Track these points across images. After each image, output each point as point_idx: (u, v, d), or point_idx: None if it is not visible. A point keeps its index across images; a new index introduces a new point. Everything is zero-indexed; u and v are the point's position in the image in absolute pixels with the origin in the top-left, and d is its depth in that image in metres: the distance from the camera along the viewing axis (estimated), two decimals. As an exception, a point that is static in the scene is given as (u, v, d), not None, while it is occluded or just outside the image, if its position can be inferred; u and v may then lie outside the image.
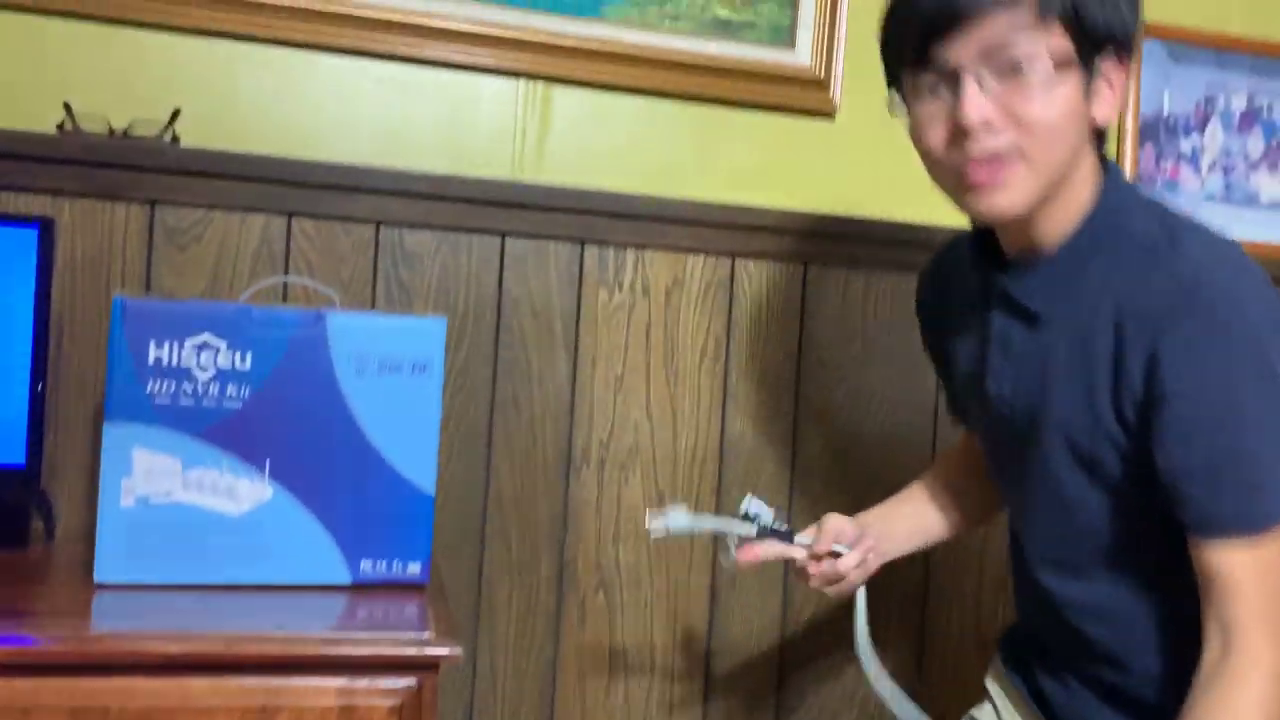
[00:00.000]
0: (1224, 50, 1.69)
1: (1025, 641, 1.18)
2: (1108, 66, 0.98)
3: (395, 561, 1.16)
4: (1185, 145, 1.68)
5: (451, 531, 1.42)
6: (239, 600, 1.07)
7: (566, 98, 1.47)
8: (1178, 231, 0.97)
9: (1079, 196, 1.01)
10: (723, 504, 1.50)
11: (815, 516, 1.51)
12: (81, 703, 0.91)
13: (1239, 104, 1.70)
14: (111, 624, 0.99)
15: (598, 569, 1.47)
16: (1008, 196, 0.96)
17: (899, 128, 1.59)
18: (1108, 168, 1.04)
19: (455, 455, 1.42)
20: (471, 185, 1.40)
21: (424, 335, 1.16)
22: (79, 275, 1.32)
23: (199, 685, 0.94)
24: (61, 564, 1.19)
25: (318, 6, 1.37)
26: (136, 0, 1.33)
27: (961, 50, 0.94)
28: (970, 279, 1.12)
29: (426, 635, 1.00)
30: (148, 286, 1.32)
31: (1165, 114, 1.68)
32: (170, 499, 1.09)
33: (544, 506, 1.46)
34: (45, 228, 1.15)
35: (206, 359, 1.10)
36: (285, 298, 1.36)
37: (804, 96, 1.53)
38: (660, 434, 1.49)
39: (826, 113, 1.55)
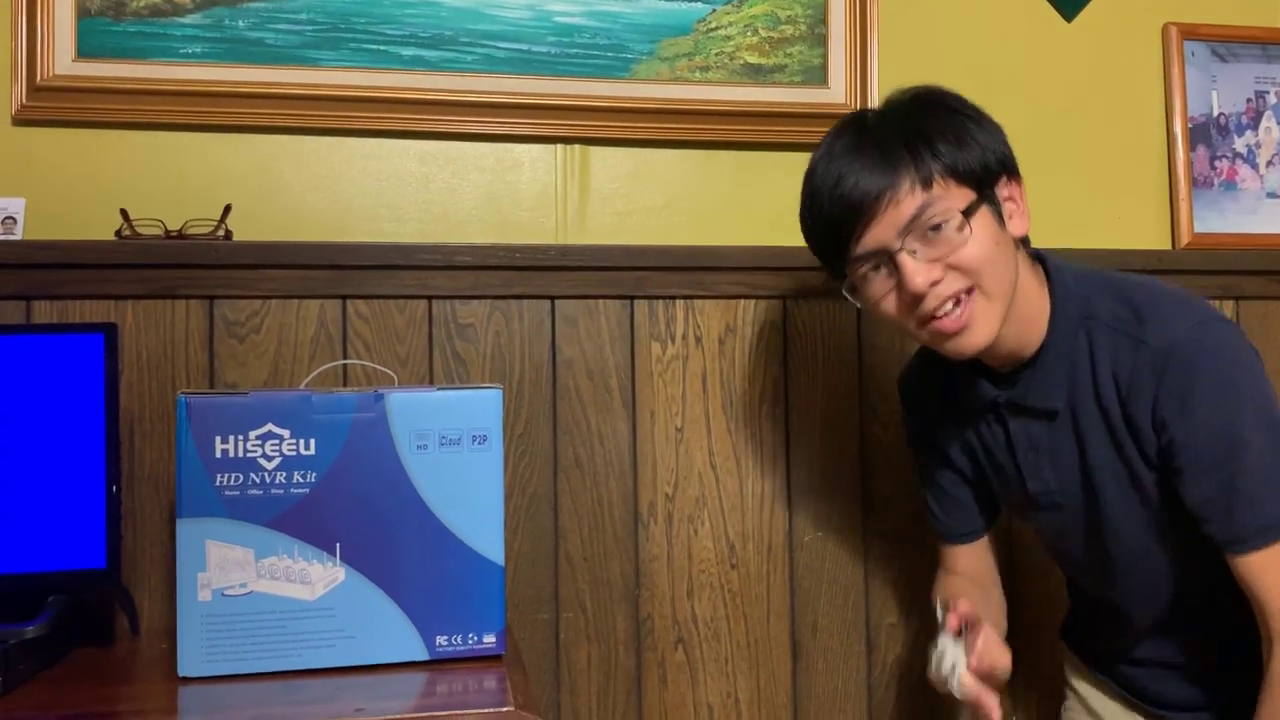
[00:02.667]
0: (1270, 44, 1.65)
1: (1101, 641, 1.28)
2: (1005, 189, 1.10)
3: (470, 634, 1.16)
4: (1240, 144, 1.64)
5: (525, 598, 1.42)
6: (320, 685, 1.07)
7: (604, 158, 1.49)
8: (1136, 304, 1.10)
9: (1034, 300, 1.13)
10: (795, 547, 1.48)
11: (892, 558, 1.49)
12: (171, 802, 0.91)
13: (1291, 96, 1.66)
14: (197, 708, 1.00)
15: (675, 625, 1.46)
16: (977, 332, 1.07)
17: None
18: (1043, 262, 1.16)
19: (523, 521, 1.42)
20: (517, 252, 1.41)
21: (481, 406, 1.17)
22: (145, 374, 1.35)
23: (284, 776, 0.94)
24: (146, 660, 1.21)
25: (353, 93, 1.41)
26: (181, 106, 1.37)
27: (880, 234, 1.05)
28: (958, 393, 1.21)
29: (507, 710, 0.99)
30: (211, 380, 1.35)
31: (1215, 114, 1.64)
32: (245, 589, 1.11)
33: (615, 565, 1.45)
34: (109, 334, 1.18)
35: (272, 448, 1.12)
36: (345, 380, 1.38)
37: (841, 132, 1.53)
38: (726, 483, 1.48)
39: (866, 146, 1.54)
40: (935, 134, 1.07)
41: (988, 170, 1.08)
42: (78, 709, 1.02)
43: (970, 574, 1.30)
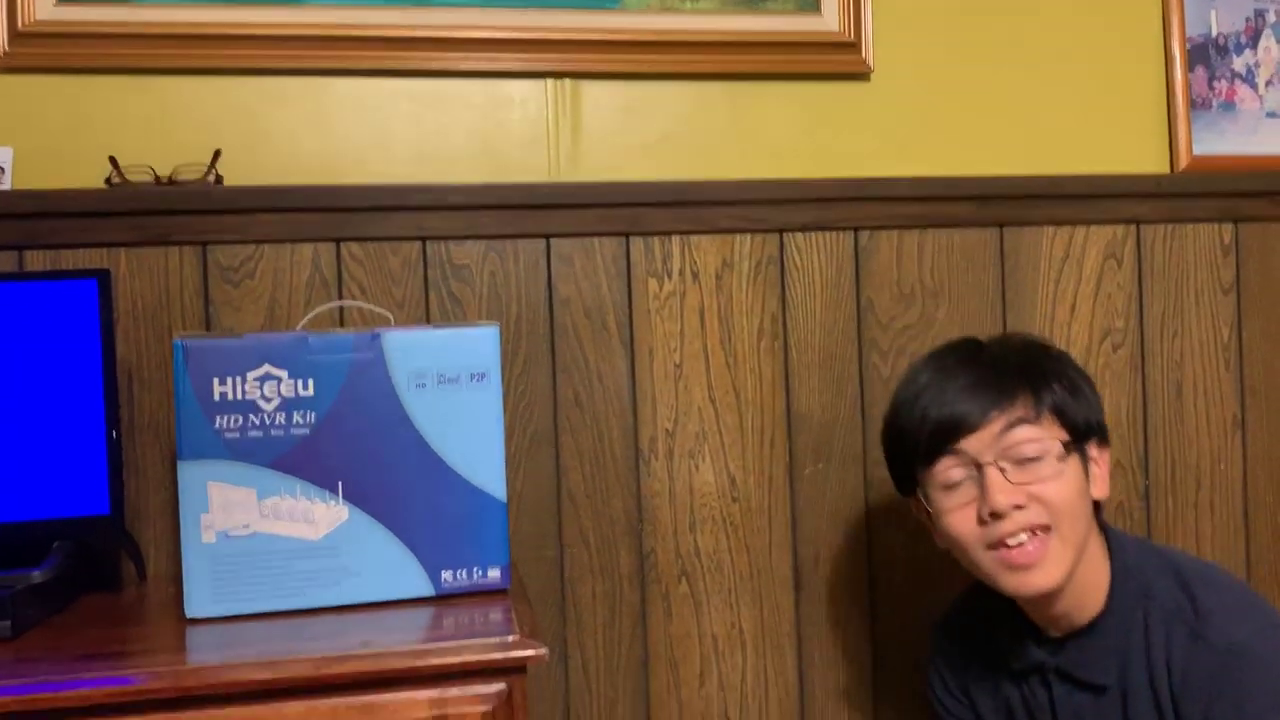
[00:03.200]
0: (1269, -40, 1.63)
1: None
2: (1094, 451, 1.14)
3: (475, 569, 1.16)
4: (1239, 63, 1.62)
5: (529, 536, 1.43)
6: (327, 623, 1.08)
7: (595, 92, 1.47)
8: (1195, 594, 1.09)
9: (1096, 567, 1.13)
10: (796, 480, 1.49)
11: (893, 494, 1.50)
12: (185, 735, 0.93)
13: (1291, 14, 1.63)
14: (205, 657, 1.01)
15: (678, 558, 1.46)
16: (1046, 573, 1.08)
17: (937, 81, 1.57)
18: (1107, 532, 1.17)
19: (524, 460, 1.43)
20: (510, 191, 1.40)
21: (478, 344, 1.17)
22: (141, 322, 1.35)
23: (293, 709, 0.95)
24: (154, 603, 1.23)
25: (338, 32, 1.39)
26: (165, 49, 1.36)
27: (977, 444, 1.09)
28: (1003, 651, 1.20)
29: (512, 638, 1.00)
30: (207, 326, 1.35)
31: (1214, 34, 1.62)
32: (249, 530, 1.11)
33: (618, 502, 1.46)
34: (102, 279, 1.18)
35: (270, 390, 1.12)
36: (341, 322, 1.38)
37: (836, 61, 1.51)
38: (726, 418, 1.48)
39: (861, 74, 1.52)
40: (1052, 376, 1.13)
41: (1089, 426, 1.13)
42: (87, 650, 1.03)
43: None
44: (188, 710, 0.93)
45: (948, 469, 1.11)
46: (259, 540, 1.11)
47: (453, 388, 1.16)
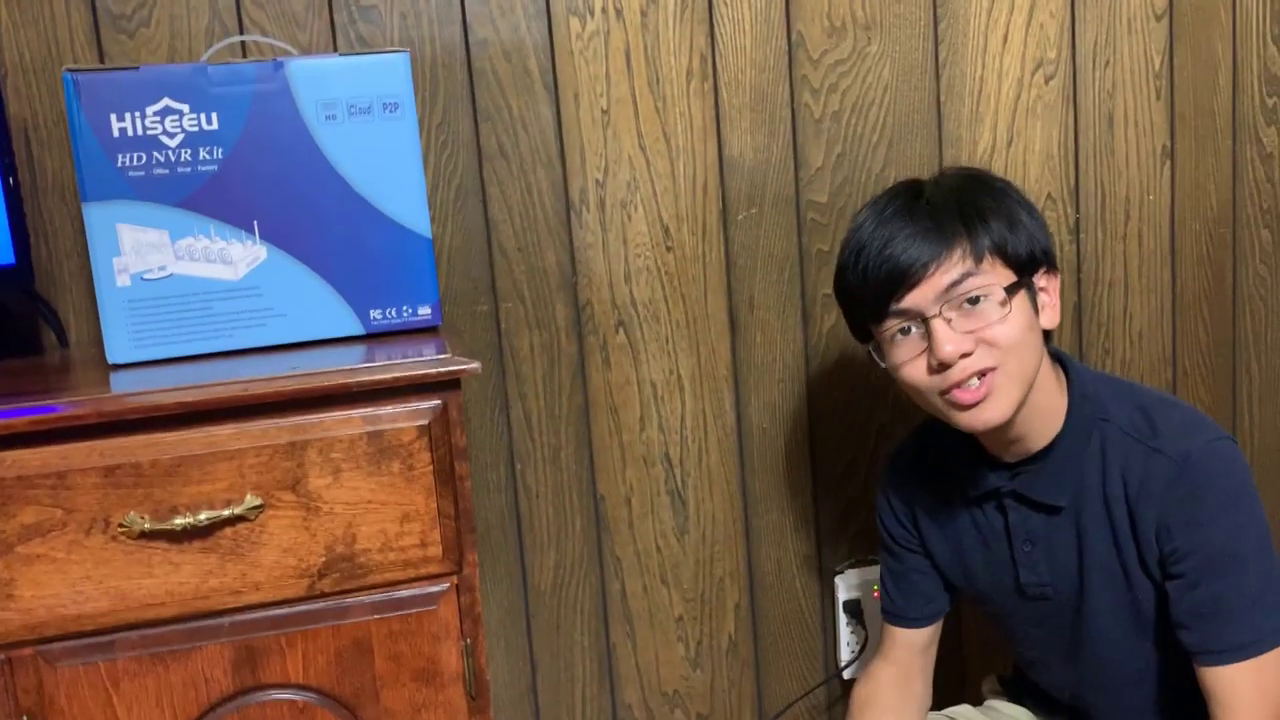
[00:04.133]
0: None
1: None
2: (1042, 280, 1.14)
3: (405, 307, 1.15)
4: None
5: (462, 291, 1.41)
6: (255, 361, 1.06)
7: None
8: (1150, 413, 1.13)
9: (1052, 395, 1.15)
10: (729, 225, 1.47)
11: (827, 227, 1.49)
12: (114, 461, 0.91)
13: None
14: (129, 388, 0.99)
15: (615, 309, 1.46)
16: (994, 408, 1.09)
17: None
18: (1063, 361, 1.19)
19: (451, 214, 1.39)
20: (417, -79, 1.32)
21: (388, 71, 1.12)
22: (32, 78, 1.27)
23: (224, 431, 0.94)
24: (77, 361, 1.20)
25: None
26: None
27: (920, 298, 1.09)
28: (957, 478, 1.22)
29: (445, 356, 1.00)
30: (103, 76, 1.27)
31: None
32: (165, 272, 1.08)
33: (551, 254, 1.43)
34: (-23, 13, 1.10)
35: (172, 125, 1.06)
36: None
37: None
38: (657, 164, 1.45)
39: None
40: (990, 213, 1.10)
41: (1032, 258, 1.12)
42: (6, 392, 1.01)
43: (904, 664, 1.29)
44: (115, 437, 0.92)
45: (895, 325, 1.11)
46: (176, 282, 1.08)
47: (365, 119, 1.11)
